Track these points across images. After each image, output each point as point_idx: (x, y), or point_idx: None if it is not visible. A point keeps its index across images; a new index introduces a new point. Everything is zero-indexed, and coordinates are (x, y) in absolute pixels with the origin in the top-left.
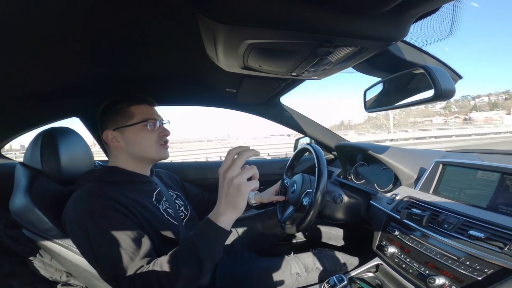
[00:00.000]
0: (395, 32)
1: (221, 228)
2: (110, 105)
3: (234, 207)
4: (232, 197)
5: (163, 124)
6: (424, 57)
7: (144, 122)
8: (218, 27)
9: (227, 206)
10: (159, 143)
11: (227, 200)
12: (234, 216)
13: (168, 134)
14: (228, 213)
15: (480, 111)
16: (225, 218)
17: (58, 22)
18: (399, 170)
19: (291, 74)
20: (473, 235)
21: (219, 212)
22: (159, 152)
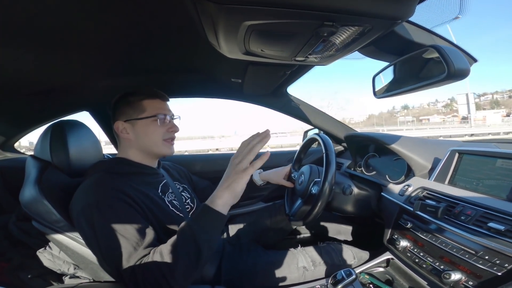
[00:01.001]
0: (401, 10)
1: (217, 212)
2: (123, 96)
3: (232, 189)
4: (232, 180)
5: (173, 120)
6: (434, 39)
7: (155, 117)
8: (217, 10)
9: (225, 188)
10: (165, 138)
11: (226, 183)
12: (231, 199)
13: (177, 130)
14: (225, 195)
15: (480, 109)
16: (221, 201)
17: (68, 18)
18: (412, 160)
19: (295, 59)
20: (492, 228)
21: (216, 195)
22: (164, 148)
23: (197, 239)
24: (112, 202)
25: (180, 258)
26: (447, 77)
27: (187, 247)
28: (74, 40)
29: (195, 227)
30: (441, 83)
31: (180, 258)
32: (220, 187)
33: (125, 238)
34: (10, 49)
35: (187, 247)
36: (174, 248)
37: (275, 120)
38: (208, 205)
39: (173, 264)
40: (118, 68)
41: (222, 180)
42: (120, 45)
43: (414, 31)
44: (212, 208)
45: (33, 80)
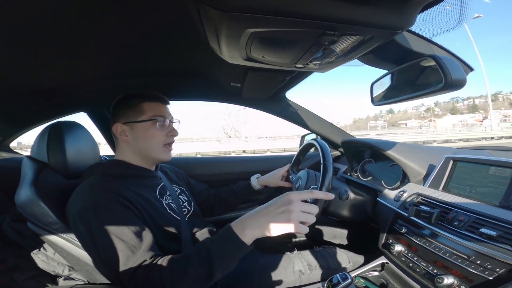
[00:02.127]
0: (401, 20)
1: (242, 242)
2: (124, 98)
3: (267, 229)
4: (274, 221)
5: (172, 123)
6: (432, 48)
7: (154, 120)
8: (220, 16)
9: (261, 224)
10: (164, 143)
11: (266, 219)
12: (259, 235)
13: (176, 134)
14: (256, 230)
15: (458, 113)
16: (249, 233)
17: (67, 18)
18: (407, 166)
19: (295, 66)
20: (484, 233)
21: (247, 224)
22: (162, 153)
23: (212, 263)
24: (109, 204)
25: (188, 275)
26: (444, 87)
27: (199, 267)
28: (73, 40)
29: (214, 250)
30: (438, 93)
31: (188, 275)
32: (257, 218)
33: (122, 241)
34: (8, 49)
35: (198, 267)
36: (185, 265)
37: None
38: (234, 231)
39: (178, 278)
40: (117, 69)
41: (262, 211)
42: (119, 47)
43: (413, 40)
44: (238, 236)
45: (31, 80)
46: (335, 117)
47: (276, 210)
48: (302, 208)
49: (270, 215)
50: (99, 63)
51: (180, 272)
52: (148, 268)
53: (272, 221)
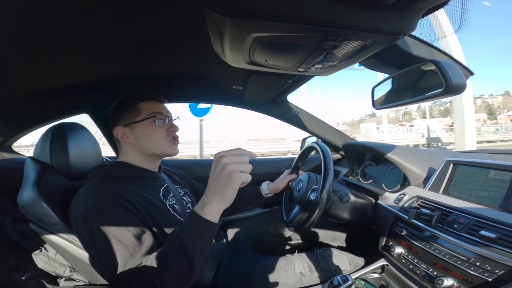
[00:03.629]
0: (403, 25)
1: (207, 220)
2: (120, 102)
3: (221, 195)
4: (221, 185)
5: (172, 120)
6: (433, 52)
7: (152, 118)
8: (224, 20)
9: (214, 194)
10: (168, 139)
11: (215, 187)
12: (221, 206)
13: (177, 129)
14: (215, 202)
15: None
16: (210, 208)
17: (70, 20)
18: (408, 169)
19: (297, 70)
20: (484, 236)
21: (204, 201)
22: (168, 148)
23: (187, 250)
24: (111, 206)
25: (170, 268)
26: (444, 91)
27: (177, 257)
28: (76, 42)
29: (184, 237)
30: (438, 97)
31: (170, 268)
32: (208, 192)
33: (122, 243)
34: (11, 50)
35: (176, 257)
36: (163, 258)
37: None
38: (196, 212)
39: (163, 274)
40: (120, 71)
41: (209, 184)
42: (123, 49)
43: (414, 45)
44: (201, 216)
45: (33, 81)
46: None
47: (217, 175)
48: (234, 160)
49: (215, 182)
50: (102, 65)
51: (162, 267)
52: (138, 271)
53: (219, 185)
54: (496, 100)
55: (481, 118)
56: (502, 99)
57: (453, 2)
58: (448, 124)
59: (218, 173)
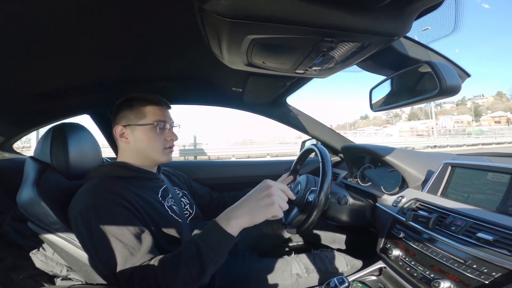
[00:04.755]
0: (398, 27)
1: (229, 234)
2: (126, 101)
3: (252, 216)
4: (257, 208)
5: (173, 128)
6: (429, 54)
7: (154, 124)
8: (221, 22)
9: (245, 212)
10: (165, 147)
11: (250, 207)
12: (245, 224)
13: (176, 139)
14: (242, 219)
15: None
16: (235, 223)
17: (72, 21)
18: (406, 172)
19: (295, 72)
20: (481, 238)
21: (231, 215)
22: (162, 156)
23: (202, 259)
24: (111, 206)
25: (180, 273)
26: (439, 93)
27: (190, 264)
28: (77, 43)
29: (202, 245)
30: (433, 99)
31: (180, 273)
32: (240, 207)
33: (121, 242)
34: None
35: (190, 264)
36: (177, 262)
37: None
38: (219, 224)
39: (172, 277)
40: (120, 73)
41: (245, 200)
42: (123, 51)
43: (410, 46)
44: (223, 228)
45: (34, 82)
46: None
47: (258, 196)
48: (280, 193)
49: (252, 202)
50: (103, 66)
51: (172, 271)
52: (144, 270)
53: (255, 206)
54: (487, 101)
55: (465, 120)
56: (493, 100)
57: (447, 4)
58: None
59: (261, 197)
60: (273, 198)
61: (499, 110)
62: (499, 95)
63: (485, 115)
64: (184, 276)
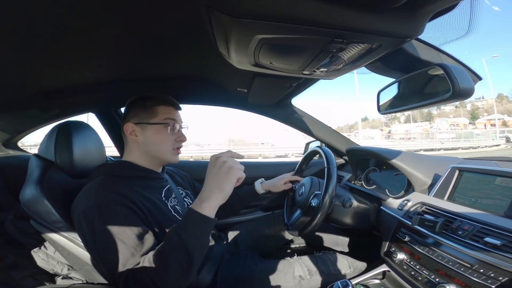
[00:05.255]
0: (410, 29)
1: (204, 216)
2: (139, 99)
3: (220, 189)
4: (220, 179)
5: (182, 129)
6: (441, 57)
7: (165, 124)
8: (230, 22)
9: (212, 189)
10: (174, 147)
11: (214, 182)
12: (219, 200)
13: (185, 140)
14: (212, 198)
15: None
16: (208, 204)
17: (78, 20)
18: (412, 175)
19: (302, 73)
20: (489, 242)
21: (202, 197)
22: (171, 156)
23: (186, 246)
24: (114, 206)
25: (170, 265)
26: (452, 96)
27: (177, 254)
28: (83, 42)
29: (183, 233)
30: (445, 102)
31: (170, 265)
32: (206, 188)
33: (123, 243)
34: (19, 49)
35: (176, 254)
36: (163, 255)
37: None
38: (194, 209)
39: (163, 271)
40: (126, 72)
41: (206, 181)
42: (128, 50)
43: (421, 49)
44: (199, 212)
45: (41, 79)
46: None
47: (214, 171)
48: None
49: (213, 178)
50: (108, 65)
51: (162, 265)
52: (137, 270)
53: (218, 180)
54: (486, 103)
55: (461, 122)
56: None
57: (462, 6)
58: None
59: (217, 169)
60: (228, 164)
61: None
62: (499, 98)
63: (482, 117)
64: (174, 268)
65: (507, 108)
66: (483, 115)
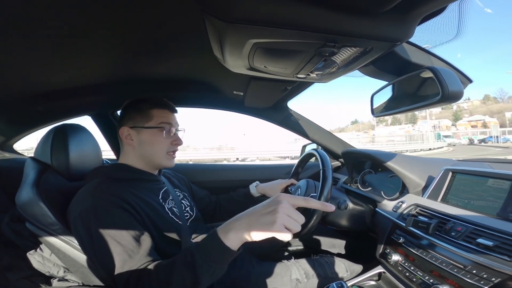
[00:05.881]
0: (400, 32)
1: (226, 247)
2: (133, 103)
3: (249, 232)
4: (257, 223)
5: (178, 132)
6: (432, 60)
7: (161, 128)
8: (223, 26)
9: (244, 226)
10: (169, 151)
11: (251, 220)
12: (244, 239)
13: (181, 143)
14: (240, 233)
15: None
16: (234, 236)
17: (74, 23)
18: (406, 177)
19: (296, 76)
20: (481, 243)
21: (231, 226)
22: (165, 160)
23: (196, 269)
24: (110, 208)
25: (174, 281)
26: (441, 99)
27: (184, 272)
28: (79, 45)
29: (198, 256)
30: (435, 105)
31: (174, 281)
32: (240, 220)
33: (120, 244)
34: (15, 52)
35: (183, 273)
36: (171, 270)
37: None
38: (218, 234)
39: (166, 283)
40: (122, 75)
41: (248, 212)
42: (125, 53)
43: (413, 52)
44: (221, 241)
45: (37, 82)
46: None
47: (263, 211)
48: (290, 212)
49: (255, 216)
50: (105, 68)
51: (166, 278)
52: (140, 274)
53: (255, 222)
54: (471, 104)
55: (443, 124)
56: (479, 103)
57: (450, 10)
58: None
59: (265, 212)
60: (277, 216)
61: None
62: (486, 99)
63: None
64: (177, 284)
65: (490, 109)
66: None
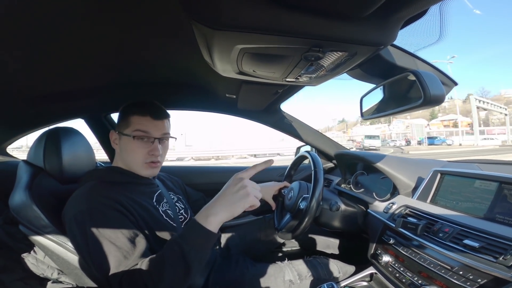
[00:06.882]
0: (383, 36)
1: (209, 231)
2: (124, 107)
3: (230, 210)
4: (234, 201)
5: (165, 140)
6: (416, 63)
7: (132, 136)
8: (210, 32)
9: (224, 207)
10: (145, 161)
11: (226, 201)
12: (225, 218)
13: (158, 154)
14: (220, 214)
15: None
16: (214, 219)
17: (67, 26)
18: (397, 179)
19: (286, 80)
20: (468, 245)
21: (209, 212)
22: (142, 169)
23: (186, 257)
24: (105, 210)
25: (166, 273)
26: (423, 102)
27: (175, 263)
28: (72, 47)
29: (184, 245)
30: (418, 108)
31: (166, 273)
32: (217, 203)
33: (116, 246)
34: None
35: (175, 264)
36: (161, 264)
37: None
38: (198, 222)
39: (158, 278)
40: (115, 78)
41: (220, 196)
42: (118, 56)
43: (398, 55)
44: (203, 226)
45: (30, 85)
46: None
47: (232, 190)
48: (253, 184)
49: (228, 196)
50: (98, 71)
51: (158, 271)
52: (131, 273)
53: (232, 200)
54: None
55: (419, 124)
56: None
57: (431, 13)
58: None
59: (235, 191)
60: (248, 189)
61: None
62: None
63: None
64: (171, 277)
65: (466, 108)
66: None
